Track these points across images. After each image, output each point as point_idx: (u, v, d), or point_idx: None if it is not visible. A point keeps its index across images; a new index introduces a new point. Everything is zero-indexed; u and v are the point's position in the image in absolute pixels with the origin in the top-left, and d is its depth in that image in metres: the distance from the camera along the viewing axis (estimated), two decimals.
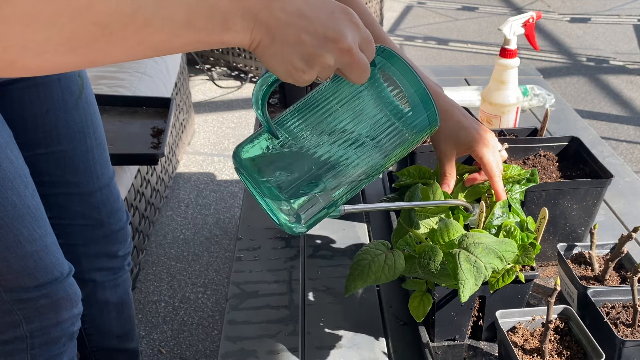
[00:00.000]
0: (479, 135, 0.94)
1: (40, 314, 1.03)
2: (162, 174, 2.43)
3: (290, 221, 0.72)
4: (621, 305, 0.89)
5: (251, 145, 0.72)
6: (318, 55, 0.60)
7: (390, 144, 0.72)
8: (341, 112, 0.70)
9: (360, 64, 0.63)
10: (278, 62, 0.61)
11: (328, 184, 0.71)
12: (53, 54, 0.50)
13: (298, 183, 0.70)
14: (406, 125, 0.72)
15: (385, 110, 0.71)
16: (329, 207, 0.73)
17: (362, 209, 0.87)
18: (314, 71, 0.61)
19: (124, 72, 2.22)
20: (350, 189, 0.73)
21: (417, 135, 0.74)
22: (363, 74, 0.64)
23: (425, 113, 0.72)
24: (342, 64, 0.62)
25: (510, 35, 1.35)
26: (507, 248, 0.82)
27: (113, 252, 1.27)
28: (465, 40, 4.40)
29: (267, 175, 0.70)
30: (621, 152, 2.90)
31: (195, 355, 1.84)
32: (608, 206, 1.28)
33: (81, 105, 1.11)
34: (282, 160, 0.71)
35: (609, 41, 4.33)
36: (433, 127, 0.75)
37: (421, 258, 0.83)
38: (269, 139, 0.71)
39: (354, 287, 0.83)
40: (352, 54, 0.61)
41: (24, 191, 0.96)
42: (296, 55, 0.60)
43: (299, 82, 0.63)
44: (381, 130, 0.71)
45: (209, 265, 2.19)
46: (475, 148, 0.94)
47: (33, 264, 0.98)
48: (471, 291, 0.78)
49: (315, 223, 0.74)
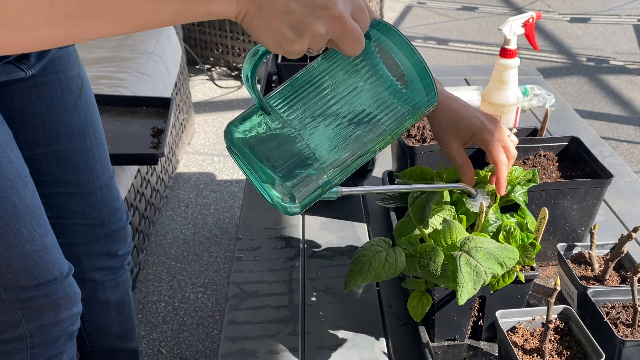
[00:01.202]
0: (481, 123, 0.92)
1: (40, 314, 1.03)
2: (162, 174, 2.43)
3: (284, 201, 0.69)
4: (621, 305, 0.89)
5: (243, 123, 0.69)
6: (307, 24, 0.58)
7: (387, 121, 0.69)
8: (336, 87, 0.67)
9: (353, 33, 0.60)
10: (266, 33, 0.59)
11: (322, 163, 0.68)
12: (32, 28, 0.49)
13: (291, 162, 0.67)
14: (403, 101, 0.69)
15: (382, 86, 0.68)
16: (323, 187, 0.70)
17: (361, 192, 0.86)
18: (304, 41, 0.59)
19: (124, 72, 2.22)
20: (346, 167, 0.71)
21: (415, 112, 0.71)
22: (356, 44, 0.61)
23: (423, 88, 0.69)
24: (334, 33, 0.60)
25: (510, 35, 1.35)
26: (508, 255, 0.82)
27: (113, 251, 1.27)
28: (465, 40, 4.40)
29: (260, 154, 0.67)
30: (621, 152, 2.90)
31: (195, 355, 1.84)
32: (608, 206, 1.28)
33: (81, 105, 1.11)
34: (275, 138, 0.68)
35: (609, 41, 4.33)
36: (432, 102, 0.71)
37: (421, 258, 0.83)
38: (261, 116, 0.68)
39: (353, 283, 0.83)
40: (344, 22, 0.59)
41: (23, 191, 0.96)
42: (285, 24, 0.58)
43: (290, 53, 0.60)
44: (377, 106, 0.68)
45: (209, 265, 2.19)
46: (479, 136, 0.92)
47: (33, 263, 0.98)
48: (469, 295, 0.78)
49: (310, 203, 0.71)
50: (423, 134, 1.19)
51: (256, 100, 0.68)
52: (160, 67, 2.39)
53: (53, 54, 1.05)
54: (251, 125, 0.69)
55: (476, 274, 0.79)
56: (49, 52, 1.03)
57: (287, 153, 0.67)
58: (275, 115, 0.68)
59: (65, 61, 1.08)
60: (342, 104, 0.67)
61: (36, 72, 1.02)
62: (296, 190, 0.69)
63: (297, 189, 0.69)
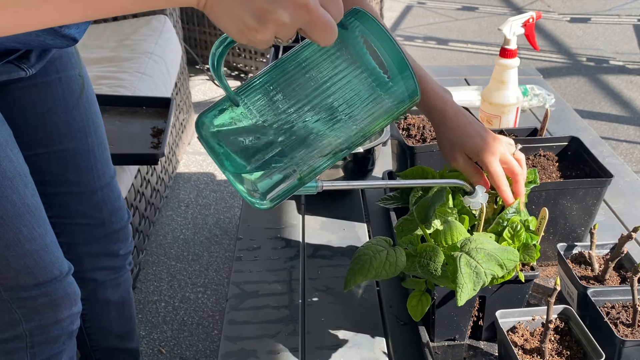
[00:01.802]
0: (484, 143, 0.91)
1: (39, 313, 1.03)
2: (162, 174, 2.43)
3: (252, 195, 0.67)
4: (621, 305, 0.89)
5: (213, 114, 0.67)
6: (270, 12, 0.55)
7: (365, 115, 0.66)
8: (313, 78, 0.64)
9: (321, 21, 0.57)
10: (228, 21, 0.56)
11: (295, 158, 0.65)
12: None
13: (262, 156, 0.65)
14: (387, 92, 0.66)
15: (367, 76, 0.64)
16: (294, 183, 0.67)
17: (344, 186, 0.79)
18: (269, 30, 0.56)
19: (124, 72, 2.22)
20: (320, 163, 0.68)
21: (396, 107, 0.67)
22: (326, 33, 0.58)
23: (402, 83, 0.66)
24: (300, 21, 0.56)
25: (510, 35, 1.35)
26: (509, 256, 0.82)
27: (114, 251, 1.27)
28: (465, 40, 4.40)
29: (229, 147, 0.65)
30: (621, 152, 2.90)
31: (195, 355, 1.84)
32: (608, 206, 1.28)
33: (82, 105, 1.11)
34: (245, 131, 0.65)
35: (609, 41, 4.33)
36: (413, 97, 0.68)
37: (421, 257, 0.83)
38: (231, 107, 0.65)
39: (354, 281, 0.83)
40: (310, 9, 0.56)
41: (23, 190, 0.96)
42: (246, 12, 0.55)
43: (255, 43, 0.58)
44: (356, 99, 0.65)
45: (209, 265, 2.19)
46: (481, 156, 0.91)
47: (32, 262, 0.98)
48: (468, 296, 0.78)
49: (282, 199, 0.68)
50: (423, 134, 1.19)
51: (225, 91, 0.65)
52: (160, 67, 2.39)
53: (54, 53, 1.05)
54: (221, 117, 0.66)
55: (476, 275, 0.79)
56: (50, 52, 1.03)
57: (258, 147, 0.65)
58: (246, 107, 0.65)
59: (67, 61, 1.08)
60: (318, 95, 0.64)
61: (37, 72, 1.02)
62: (264, 185, 0.66)
63: (265, 185, 0.66)
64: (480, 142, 0.91)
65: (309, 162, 0.67)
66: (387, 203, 1.02)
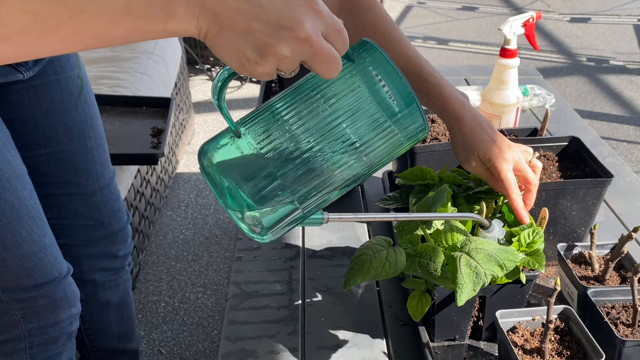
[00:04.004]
0: (498, 149, 0.89)
1: (38, 314, 1.03)
2: (162, 174, 2.43)
3: (255, 231, 0.65)
4: (621, 305, 0.89)
5: (215, 146, 0.65)
6: (270, 45, 0.54)
7: (374, 149, 0.64)
8: (313, 111, 0.62)
9: (323, 55, 0.56)
10: (228, 53, 0.56)
11: (296, 193, 0.63)
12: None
13: (262, 191, 0.63)
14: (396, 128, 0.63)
15: (368, 111, 0.62)
16: (298, 218, 0.65)
17: (350, 219, 0.78)
18: (269, 63, 0.55)
19: (124, 72, 2.22)
20: (324, 198, 0.65)
21: (403, 142, 0.65)
22: (330, 66, 0.57)
23: (410, 118, 0.63)
24: (303, 55, 0.56)
25: (510, 35, 1.35)
26: (509, 257, 0.82)
27: (113, 252, 1.27)
28: (465, 40, 4.40)
29: (232, 180, 0.63)
30: (621, 152, 2.90)
31: (195, 355, 1.84)
32: (608, 206, 1.28)
33: (80, 106, 1.11)
34: (246, 164, 0.63)
35: (609, 41, 4.33)
36: (420, 134, 0.65)
37: (421, 258, 0.83)
38: (232, 139, 0.63)
39: (353, 281, 0.83)
40: (312, 43, 0.55)
41: (21, 191, 0.95)
42: (247, 44, 0.54)
43: (256, 75, 0.57)
44: (365, 132, 0.63)
45: (209, 265, 2.19)
46: (493, 162, 0.89)
47: (31, 264, 0.98)
48: (468, 296, 0.78)
49: (283, 233, 0.67)
50: None
51: (227, 122, 0.63)
52: (160, 67, 2.39)
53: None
54: (224, 149, 0.64)
55: (476, 275, 0.79)
56: None
57: (261, 181, 0.62)
58: (250, 139, 0.63)
59: (65, 62, 1.08)
60: (324, 128, 0.62)
61: (35, 74, 1.01)
62: (268, 220, 0.64)
63: (269, 220, 0.64)
64: (493, 148, 0.89)
65: (314, 195, 0.64)
66: (387, 203, 1.02)
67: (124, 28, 0.53)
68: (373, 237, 0.88)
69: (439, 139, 1.18)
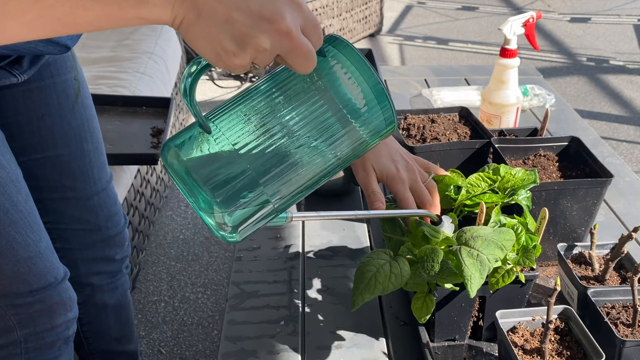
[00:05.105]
0: (396, 170, 0.93)
1: (34, 319, 1.01)
2: (162, 174, 2.43)
3: (223, 229, 0.63)
4: (621, 305, 0.89)
5: (181, 141, 0.63)
6: (251, 36, 0.53)
7: (339, 144, 0.64)
8: (287, 106, 0.61)
9: (302, 49, 0.55)
10: (205, 43, 0.54)
11: (268, 189, 0.62)
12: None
13: (232, 187, 0.61)
14: (362, 123, 0.64)
15: (340, 106, 0.62)
16: (268, 215, 0.64)
17: (314, 218, 0.79)
18: (247, 55, 0.54)
19: (124, 72, 2.22)
20: (295, 195, 0.65)
21: (372, 137, 0.65)
22: (306, 61, 0.56)
23: (380, 110, 0.63)
24: (281, 48, 0.55)
25: (510, 35, 1.35)
26: (505, 237, 0.83)
27: (110, 256, 1.25)
28: (465, 40, 4.40)
29: (197, 177, 0.61)
30: (621, 152, 2.90)
31: (195, 355, 1.84)
32: (608, 206, 1.28)
33: (77, 109, 1.09)
34: (216, 160, 0.61)
35: (609, 41, 4.33)
36: (390, 126, 0.66)
37: (425, 262, 0.82)
38: (201, 134, 0.61)
39: (361, 300, 0.82)
40: (292, 36, 0.54)
41: (16, 196, 0.93)
42: (226, 35, 0.53)
43: (231, 67, 0.55)
44: (327, 128, 0.62)
45: (209, 265, 2.19)
46: (390, 183, 0.93)
47: (26, 269, 0.96)
48: (478, 285, 0.78)
49: (251, 232, 0.65)
50: (423, 134, 1.19)
51: (195, 118, 0.61)
52: (160, 67, 2.39)
53: (48, 58, 1.02)
54: (190, 144, 0.62)
55: (480, 263, 0.79)
56: (43, 57, 1.00)
57: (228, 177, 0.61)
58: (217, 135, 0.61)
59: (61, 65, 1.06)
60: (293, 125, 0.61)
61: (31, 77, 0.99)
62: (236, 218, 0.62)
63: (238, 218, 0.62)
64: (392, 169, 0.92)
65: (283, 191, 0.63)
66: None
67: (92, 13, 0.51)
68: (372, 251, 0.87)
69: (439, 139, 1.18)
